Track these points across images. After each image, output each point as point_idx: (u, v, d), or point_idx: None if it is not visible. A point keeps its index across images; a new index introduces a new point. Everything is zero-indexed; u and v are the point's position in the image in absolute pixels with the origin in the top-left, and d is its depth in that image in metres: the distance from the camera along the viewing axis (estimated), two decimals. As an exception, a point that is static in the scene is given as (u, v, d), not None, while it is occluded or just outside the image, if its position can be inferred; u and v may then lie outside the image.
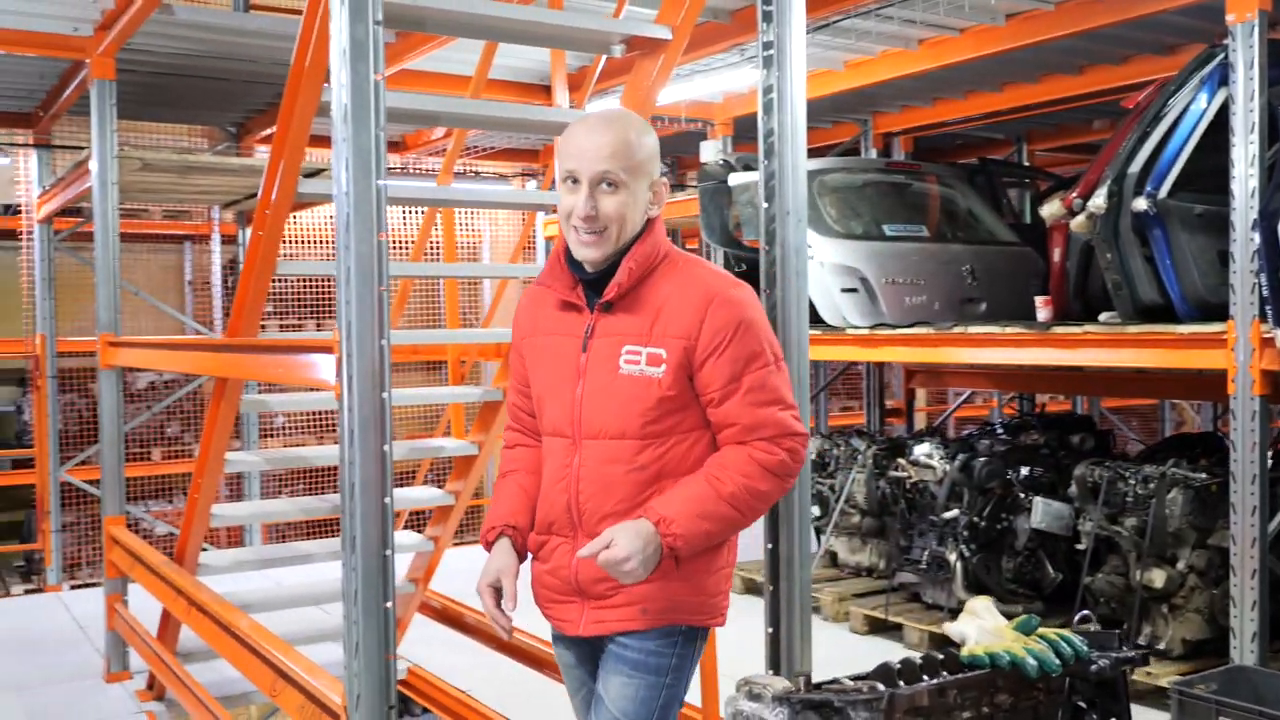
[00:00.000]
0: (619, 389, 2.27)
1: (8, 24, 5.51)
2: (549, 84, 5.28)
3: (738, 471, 2.24)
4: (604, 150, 2.25)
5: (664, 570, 2.26)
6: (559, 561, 2.37)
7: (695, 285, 2.28)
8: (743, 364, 2.25)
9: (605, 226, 2.26)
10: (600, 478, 2.29)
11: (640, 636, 2.32)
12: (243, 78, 6.68)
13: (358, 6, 2.72)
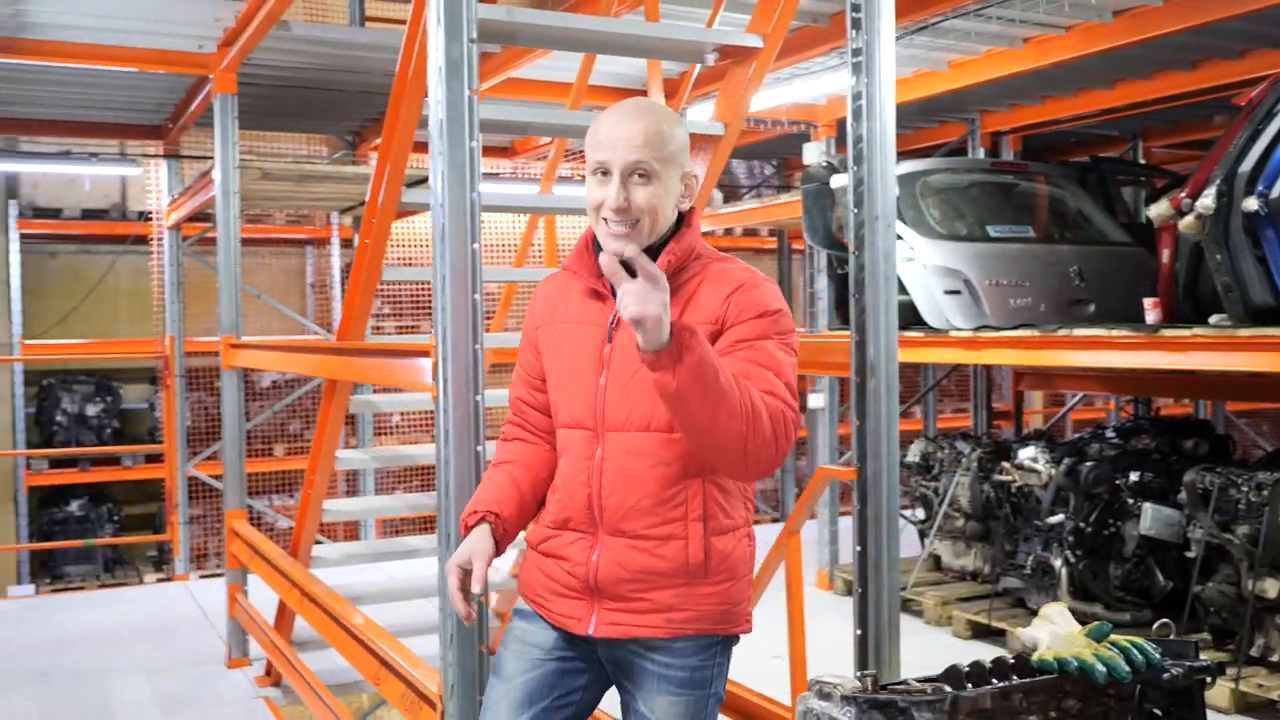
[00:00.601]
0: (643, 381, 2.14)
1: (140, 43, 5.81)
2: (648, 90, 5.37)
3: (750, 392, 2.05)
4: (636, 140, 2.18)
5: (690, 578, 2.22)
6: (575, 559, 2.28)
7: (724, 278, 2.23)
8: (759, 333, 2.17)
9: (638, 219, 2.18)
10: (624, 471, 2.22)
11: (680, 654, 2.26)
12: (356, 89, 6.93)
13: (453, 26, 2.85)
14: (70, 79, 6.66)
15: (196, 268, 8.93)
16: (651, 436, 2.21)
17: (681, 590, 2.23)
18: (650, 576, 2.23)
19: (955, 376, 10.52)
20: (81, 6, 5.28)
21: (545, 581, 2.34)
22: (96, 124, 8.17)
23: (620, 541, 2.24)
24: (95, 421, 10.08)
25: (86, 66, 6.07)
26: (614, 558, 2.24)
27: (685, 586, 2.23)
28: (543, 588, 2.35)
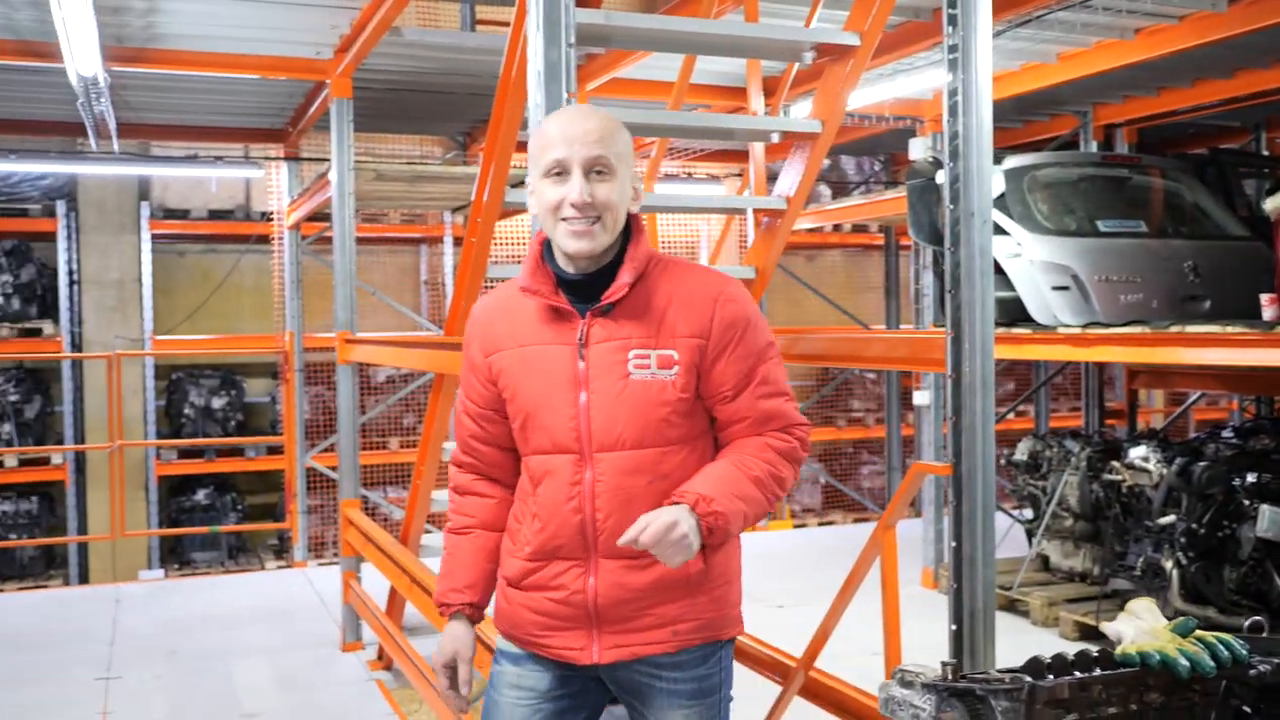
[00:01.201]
0: (632, 396, 2.15)
1: (261, 51, 6.07)
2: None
3: (760, 457, 2.19)
4: (593, 135, 2.15)
5: (690, 588, 2.21)
6: (569, 587, 2.22)
7: (697, 283, 2.21)
8: (754, 359, 2.20)
9: (599, 216, 2.14)
10: (621, 492, 2.16)
11: (686, 667, 2.25)
12: (466, 91, 7.11)
13: (552, 32, 2.94)
14: (197, 86, 6.97)
15: (315, 265, 9.24)
16: (647, 453, 2.17)
17: (684, 602, 2.22)
18: (652, 593, 2.20)
19: (1069, 374, 10.33)
20: (207, 18, 5.54)
21: (535, 618, 2.26)
22: (222, 129, 8.52)
23: (618, 563, 2.19)
24: (220, 414, 10.49)
25: (212, 74, 6.35)
26: (614, 580, 2.19)
27: (687, 597, 2.22)
28: (534, 625, 2.27)
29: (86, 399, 10.14)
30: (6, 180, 9.77)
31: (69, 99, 6.66)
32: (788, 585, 7.56)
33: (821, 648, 4.17)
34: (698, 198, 8.93)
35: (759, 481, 2.18)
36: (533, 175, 2.22)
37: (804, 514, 11.92)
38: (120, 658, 6.27)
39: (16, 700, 5.58)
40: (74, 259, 10.19)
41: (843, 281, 12.38)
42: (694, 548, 2.09)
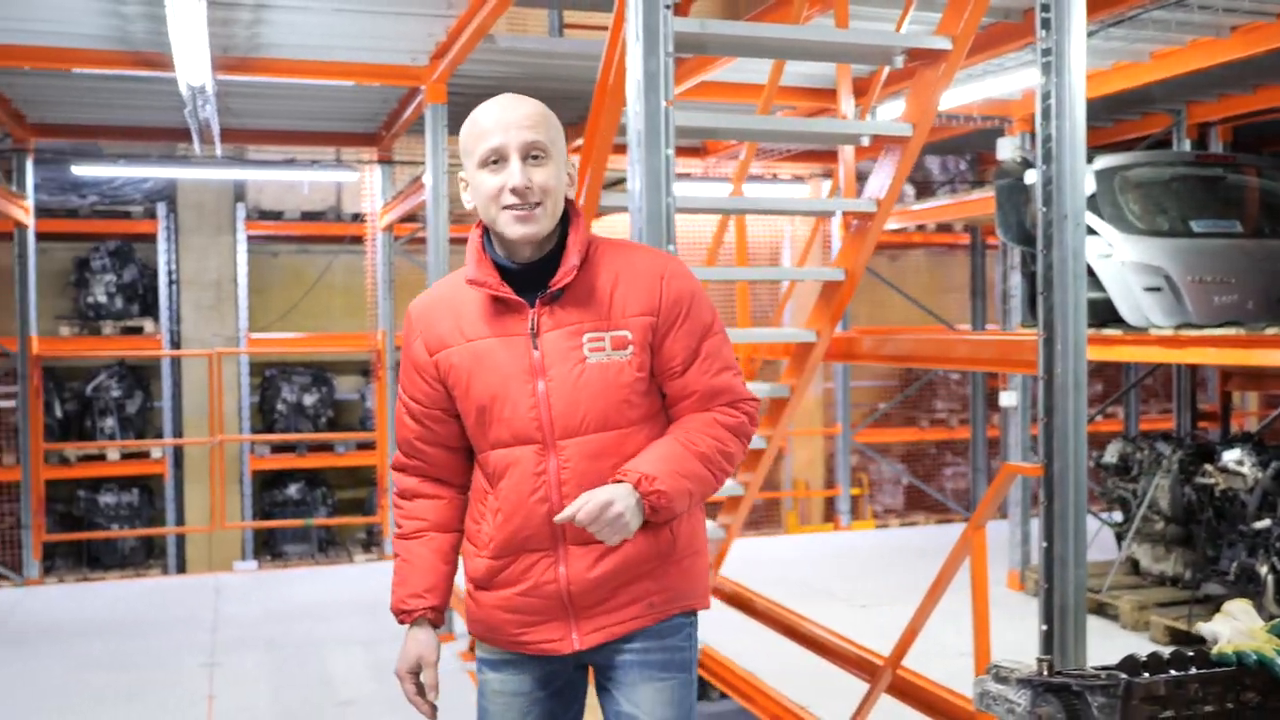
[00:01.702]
0: (590, 379, 2.16)
1: (358, 59, 6.24)
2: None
3: (706, 433, 2.20)
4: (527, 120, 2.16)
5: (661, 559, 2.22)
6: (540, 579, 2.22)
7: (640, 262, 2.23)
8: (700, 334, 2.22)
9: (539, 201, 2.14)
10: (588, 476, 2.16)
11: (655, 637, 2.26)
12: (555, 94, 7.18)
13: (651, 42, 3.03)
14: (295, 93, 7.18)
15: (406, 265, 9.44)
16: (610, 435, 2.18)
17: (656, 574, 2.23)
18: (623, 571, 2.21)
19: (1160, 376, 10.17)
20: (310, 28, 5.72)
21: (509, 616, 2.25)
22: (315, 133, 8.75)
23: (587, 549, 2.20)
24: (312, 410, 10.76)
25: (310, 81, 6.54)
26: (584, 567, 2.20)
27: (658, 570, 2.23)
28: (510, 624, 2.26)
29: (184, 395, 10.48)
30: (110, 184, 10.13)
31: (175, 106, 6.91)
32: (870, 585, 7.57)
33: (910, 646, 4.22)
34: (787, 200, 8.96)
35: (705, 458, 2.18)
36: (468, 168, 2.21)
37: (886, 515, 11.89)
38: (222, 645, 6.51)
39: (127, 682, 5.82)
40: (173, 259, 10.53)
41: (926, 282, 12.31)
42: (632, 527, 2.11)
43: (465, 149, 2.21)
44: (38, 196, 8.65)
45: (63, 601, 7.82)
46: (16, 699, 5.56)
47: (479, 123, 2.19)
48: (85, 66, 6.08)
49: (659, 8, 3.02)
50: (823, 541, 9.78)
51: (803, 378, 4.69)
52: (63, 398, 10.19)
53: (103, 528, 9.96)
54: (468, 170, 2.21)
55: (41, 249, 8.46)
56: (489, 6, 5.04)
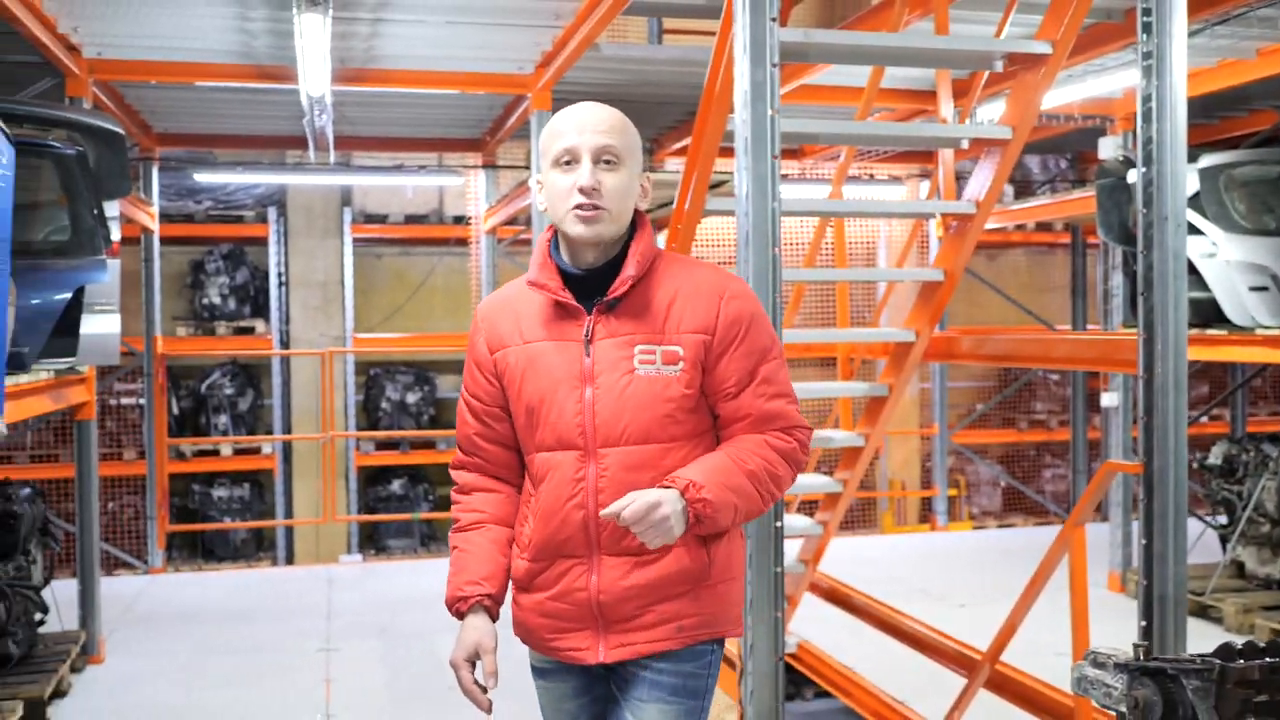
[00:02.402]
0: (637, 391, 2.15)
1: (468, 68, 6.47)
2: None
3: (757, 453, 2.18)
4: (602, 125, 2.16)
5: (694, 583, 2.19)
6: (572, 586, 2.20)
7: (702, 280, 2.22)
8: (757, 357, 2.19)
9: (606, 204, 2.14)
10: (624, 487, 2.13)
11: (675, 659, 2.22)
12: (655, 99, 7.38)
13: (758, 54, 3.16)
14: (404, 101, 7.44)
15: (508, 267, 9.68)
16: (651, 449, 2.16)
17: (689, 597, 2.20)
18: (655, 589, 2.18)
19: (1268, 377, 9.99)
20: (422, 40, 5.96)
21: (543, 621, 2.25)
22: (422, 139, 9.03)
23: (620, 560, 2.17)
24: (414, 409, 11.05)
25: (421, 90, 6.79)
26: (616, 578, 2.17)
27: (690, 592, 2.20)
28: (543, 629, 2.25)
29: (293, 393, 10.85)
30: (224, 189, 10.55)
31: (289, 115, 7.22)
32: (967, 585, 7.59)
33: (1008, 641, 4.27)
34: (888, 203, 9.00)
35: (754, 476, 2.16)
36: (543, 168, 2.22)
37: (983, 516, 11.82)
38: (337, 631, 6.78)
39: (250, 665, 6.12)
40: (283, 262, 10.91)
41: (1025, 281, 12.21)
42: (675, 533, 2.09)
43: (542, 149, 2.23)
44: (160, 203, 9.07)
45: (185, 588, 8.20)
46: (146, 678, 5.88)
47: (556, 124, 2.21)
48: (210, 80, 6.41)
49: (765, 21, 3.14)
50: (919, 541, 9.79)
51: (901, 377, 4.77)
52: (179, 395, 10.63)
53: (216, 520, 10.37)
54: (543, 170, 2.22)
55: (161, 253, 8.86)
56: (595, 18, 5.21)
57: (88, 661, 6.07)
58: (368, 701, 5.52)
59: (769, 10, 3.17)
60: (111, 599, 7.01)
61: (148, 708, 5.47)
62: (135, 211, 7.65)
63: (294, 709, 5.45)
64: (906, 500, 11.58)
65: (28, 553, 5.57)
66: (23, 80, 6.42)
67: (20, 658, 5.35)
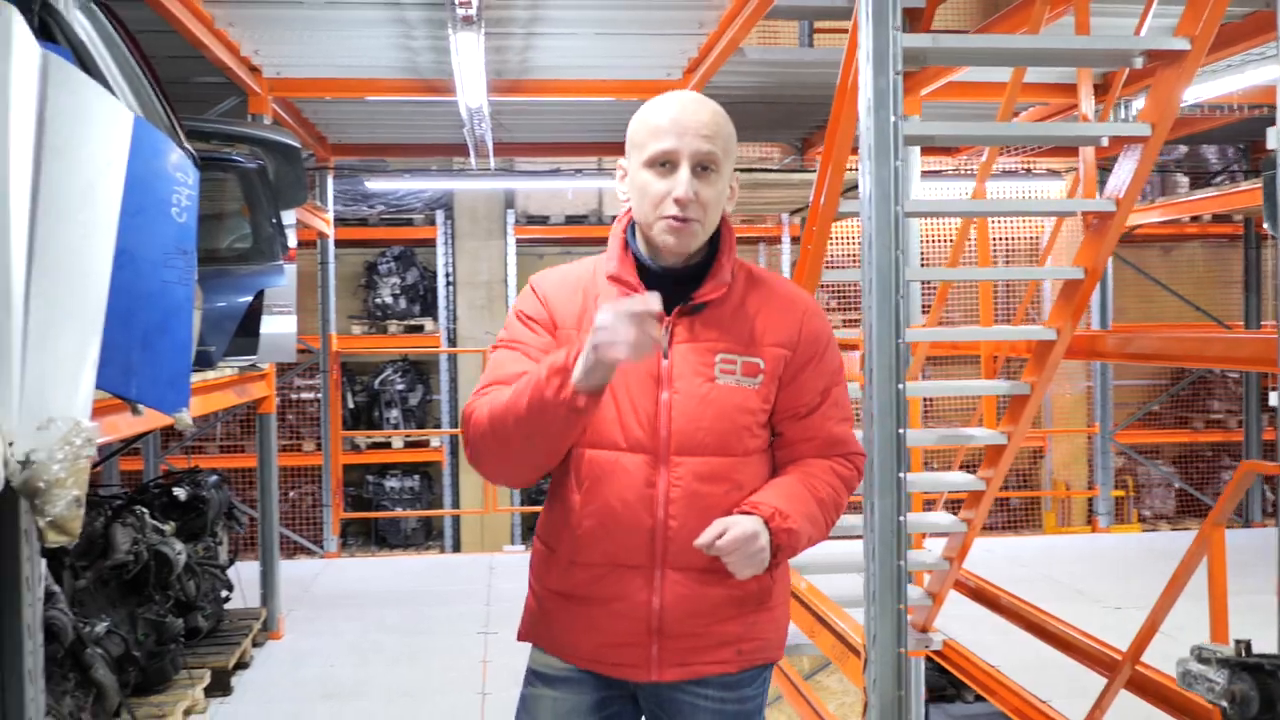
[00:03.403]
0: (717, 400, 2.05)
1: (618, 75, 6.70)
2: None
3: (826, 481, 2.11)
4: (705, 129, 2.02)
5: (756, 605, 2.12)
6: (630, 598, 2.06)
7: (785, 294, 2.16)
8: (830, 378, 2.14)
9: (700, 216, 2.03)
10: (697, 499, 2.03)
11: (735, 687, 2.14)
12: (803, 101, 7.46)
13: (880, 62, 3.24)
14: (559, 108, 7.73)
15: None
16: (726, 461, 2.06)
17: (748, 620, 2.11)
18: (720, 608, 2.08)
19: None
20: (573, 51, 6.22)
21: (588, 633, 2.11)
22: (578, 143, 9.33)
23: (686, 575, 2.06)
24: (579, 402, 11.36)
25: (574, 99, 7.05)
26: (681, 593, 2.06)
27: (752, 615, 2.12)
28: (590, 641, 2.11)
29: (460, 388, 11.31)
30: (395, 194, 11.09)
31: (453, 125, 7.58)
32: (1125, 588, 7.43)
33: (1149, 641, 4.24)
34: (1022, 203, 8.86)
35: (824, 505, 2.09)
36: (632, 161, 2.09)
37: (1155, 519, 11.46)
38: (495, 616, 7.12)
39: (414, 644, 6.50)
40: (450, 262, 11.39)
41: (1202, 275, 11.76)
42: (765, 563, 2.00)
43: (634, 141, 2.08)
44: (335, 208, 9.61)
45: (357, 572, 8.69)
46: (319, 653, 6.31)
47: (654, 119, 2.06)
48: (378, 94, 6.82)
49: (888, 30, 3.22)
50: (1079, 543, 9.59)
51: (1042, 375, 4.76)
52: (354, 390, 11.22)
53: (388, 509, 10.90)
54: (631, 163, 2.10)
55: (336, 255, 9.39)
56: (737, 24, 5.35)
57: (268, 637, 6.55)
58: (520, 682, 5.79)
59: (891, 19, 3.25)
60: (290, 580, 7.50)
61: (320, 681, 5.87)
62: (311, 218, 8.15)
63: (453, 686, 5.78)
64: (1071, 501, 11.32)
65: (215, 534, 6.05)
66: (210, 99, 6.96)
67: (208, 631, 5.82)
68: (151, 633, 4.99)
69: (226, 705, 5.48)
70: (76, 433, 2.16)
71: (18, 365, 2.10)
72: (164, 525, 5.32)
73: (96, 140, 2.34)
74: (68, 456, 2.15)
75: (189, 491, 5.90)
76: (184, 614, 5.41)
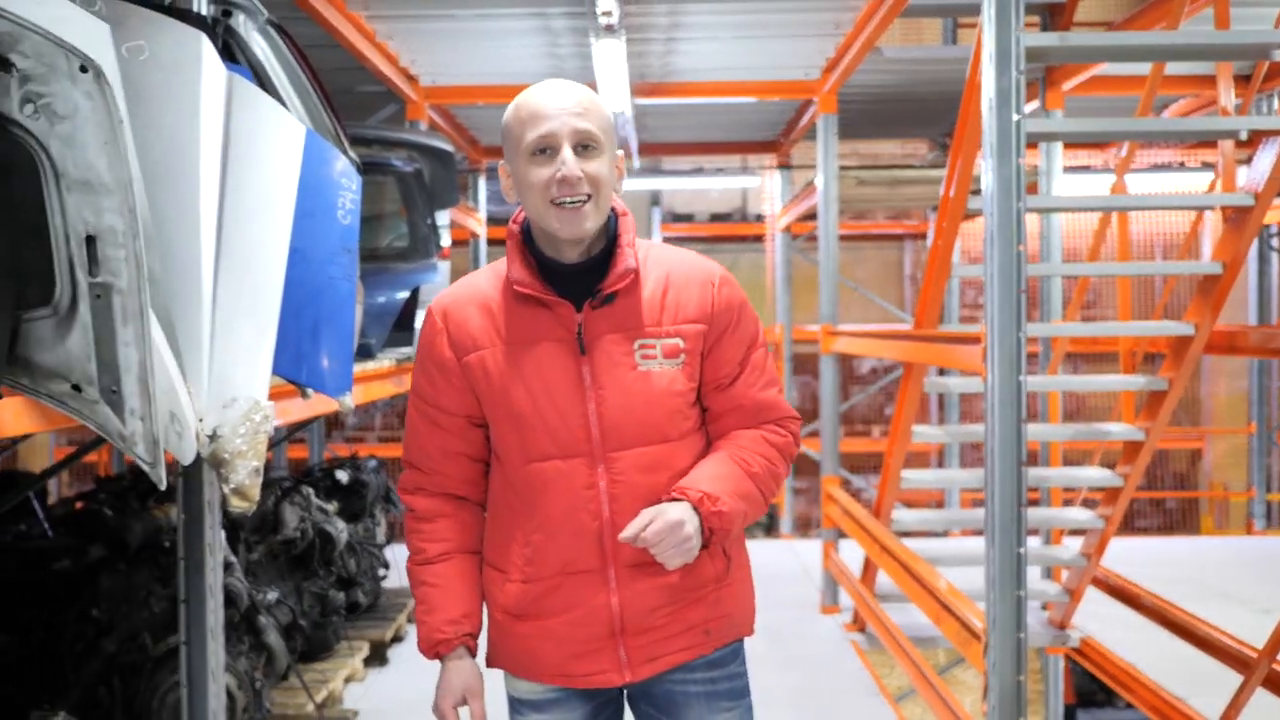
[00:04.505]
0: (643, 389, 2.01)
1: (757, 77, 6.86)
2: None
3: (758, 453, 2.07)
4: (577, 108, 1.97)
5: (716, 583, 2.08)
6: (588, 604, 2.03)
7: (691, 268, 2.09)
8: (747, 345, 2.09)
9: (590, 193, 1.96)
10: (641, 490, 2.00)
11: (720, 665, 2.11)
12: (946, 96, 7.47)
13: (1003, 62, 3.34)
14: (701, 109, 7.93)
15: (802, 263, 10.00)
16: (663, 448, 2.03)
17: (710, 599, 2.08)
18: (679, 595, 2.05)
19: None
20: (712, 54, 6.41)
21: (553, 647, 2.06)
22: (721, 143, 9.51)
23: (640, 570, 2.02)
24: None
25: (716, 100, 7.24)
26: (638, 589, 2.03)
27: (713, 593, 2.08)
28: (554, 655, 2.06)
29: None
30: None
31: (600, 127, 7.85)
32: (1278, 591, 7.22)
33: (1284, 639, 4.20)
34: (1157, 198, 8.65)
35: (757, 478, 2.06)
36: (511, 158, 2.03)
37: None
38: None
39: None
40: (600, 261, 11.69)
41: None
42: (695, 550, 1.96)
43: (511, 138, 2.01)
44: (488, 208, 10.01)
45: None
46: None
47: (526, 109, 1.99)
48: (528, 99, 7.13)
49: (1011, 31, 3.31)
50: (1232, 545, 9.32)
51: (1180, 371, 4.74)
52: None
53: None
54: (510, 160, 2.03)
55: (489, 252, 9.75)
56: (872, 24, 5.45)
57: (422, 615, 6.91)
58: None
59: (1014, 20, 3.34)
60: (443, 563, 7.86)
61: (469, 657, 6.18)
62: (464, 218, 8.53)
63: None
64: (1228, 503, 10.99)
65: (374, 516, 6.44)
66: (372, 107, 7.39)
67: (367, 606, 6.20)
68: (316, 604, 5.37)
69: (383, 675, 5.84)
70: (256, 410, 2.45)
71: (207, 352, 2.40)
72: (327, 506, 5.71)
73: (274, 152, 2.63)
74: (248, 431, 2.44)
75: (350, 475, 6.30)
76: (345, 589, 5.79)
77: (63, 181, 1.81)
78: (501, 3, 5.53)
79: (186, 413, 2.26)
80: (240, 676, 4.04)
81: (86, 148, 1.79)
